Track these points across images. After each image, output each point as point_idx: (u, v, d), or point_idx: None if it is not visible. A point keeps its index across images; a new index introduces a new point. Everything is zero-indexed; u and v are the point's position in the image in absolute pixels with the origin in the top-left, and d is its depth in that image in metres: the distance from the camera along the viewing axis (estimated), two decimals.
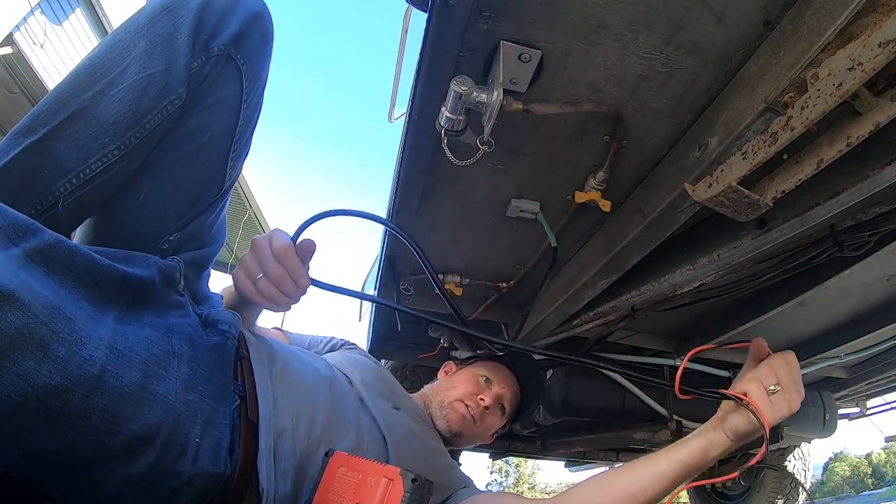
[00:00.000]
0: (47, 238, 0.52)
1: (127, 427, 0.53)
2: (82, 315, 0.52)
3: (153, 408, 0.55)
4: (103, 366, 0.51)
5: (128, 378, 0.53)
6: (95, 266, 0.56)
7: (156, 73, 0.62)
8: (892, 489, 10.46)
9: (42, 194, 0.59)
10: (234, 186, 0.77)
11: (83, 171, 0.60)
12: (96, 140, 0.60)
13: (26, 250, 0.50)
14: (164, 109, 0.63)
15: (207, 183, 0.71)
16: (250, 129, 0.75)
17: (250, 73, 0.70)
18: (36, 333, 0.47)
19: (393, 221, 1.13)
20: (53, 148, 0.59)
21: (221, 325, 0.73)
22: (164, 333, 0.61)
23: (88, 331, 0.51)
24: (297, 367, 0.83)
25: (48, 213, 0.60)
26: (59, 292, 0.51)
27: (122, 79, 0.61)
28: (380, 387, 1.00)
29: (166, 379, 0.58)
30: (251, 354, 0.76)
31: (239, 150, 0.74)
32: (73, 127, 0.60)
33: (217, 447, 0.62)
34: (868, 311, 1.35)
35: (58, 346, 0.48)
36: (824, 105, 0.58)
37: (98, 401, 0.51)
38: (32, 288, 0.48)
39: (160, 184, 0.68)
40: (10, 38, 4.76)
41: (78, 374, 0.49)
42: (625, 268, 1.06)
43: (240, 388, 0.70)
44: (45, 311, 0.48)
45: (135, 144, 0.62)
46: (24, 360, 0.46)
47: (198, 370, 0.63)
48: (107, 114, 0.60)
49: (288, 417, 0.73)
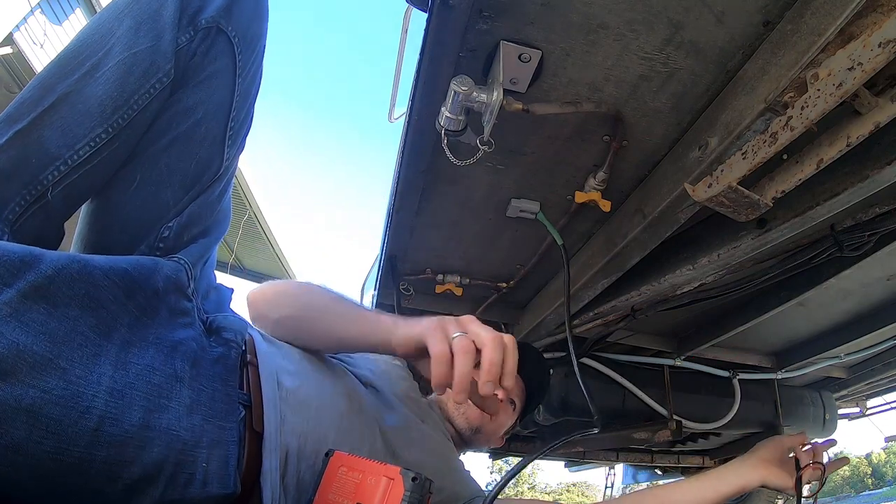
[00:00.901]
0: (45, 269, 0.50)
1: (128, 471, 0.51)
2: (82, 356, 0.50)
3: (156, 444, 0.53)
4: (102, 416, 0.49)
5: (128, 421, 0.51)
6: (99, 290, 0.54)
7: (141, 50, 0.59)
8: (892, 489, 10.47)
9: (30, 184, 0.57)
10: (234, 186, 0.76)
11: (71, 157, 0.58)
12: (83, 124, 0.58)
13: (21, 290, 0.47)
14: (153, 88, 0.61)
15: (205, 162, 0.68)
16: (248, 103, 0.71)
17: (244, 45, 0.67)
18: (24, 400, 0.44)
19: (393, 221, 1.13)
20: (40, 135, 0.57)
21: (226, 334, 0.69)
22: (168, 354, 0.58)
23: (87, 376, 0.49)
24: (310, 379, 0.77)
25: (38, 204, 0.58)
26: (56, 334, 0.49)
27: (107, 59, 0.59)
28: (406, 397, 0.97)
29: (168, 409, 0.55)
30: (260, 365, 0.72)
31: (237, 126, 0.70)
32: (59, 113, 0.58)
33: (225, 467, 0.60)
34: (868, 311, 1.35)
35: (50, 407, 0.46)
36: (824, 105, 0.58)
37: (97, 454, 0.49)
38: (19, 346, 0.45)
39: (155, 167, 0.65)
40: (10, 38, 4.76)
41: (73, 432, 0.47)
42: (625, 268, 1.06)
43: (245, 398, 0.66)
44: (35, 371, 0.45)
45: (123, 126, 0.60)
46: (14, 431, 0.44)
47: (201, 389, 0.60)
48: (92, 97, 0.58)
49: (296, 436, 0.69)
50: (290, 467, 0.68)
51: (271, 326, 0.82)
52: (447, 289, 1.35)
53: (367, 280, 2.95)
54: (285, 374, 0.74)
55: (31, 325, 0.48)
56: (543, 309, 1.35)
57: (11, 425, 0.44)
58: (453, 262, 1.31)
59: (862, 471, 21.09)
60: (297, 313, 0.82)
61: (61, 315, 0.50)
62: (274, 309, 0.83)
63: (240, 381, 0.68)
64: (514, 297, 1.45)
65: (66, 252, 0.55)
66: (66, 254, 0.53)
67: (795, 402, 1.73)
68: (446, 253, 1.27)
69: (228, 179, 0.73)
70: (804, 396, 1.77)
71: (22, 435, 0.45)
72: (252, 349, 0.73)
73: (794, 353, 1.61)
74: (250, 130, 0.75)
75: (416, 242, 1.22)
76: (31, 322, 0.48)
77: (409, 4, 0.69)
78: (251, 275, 10.10)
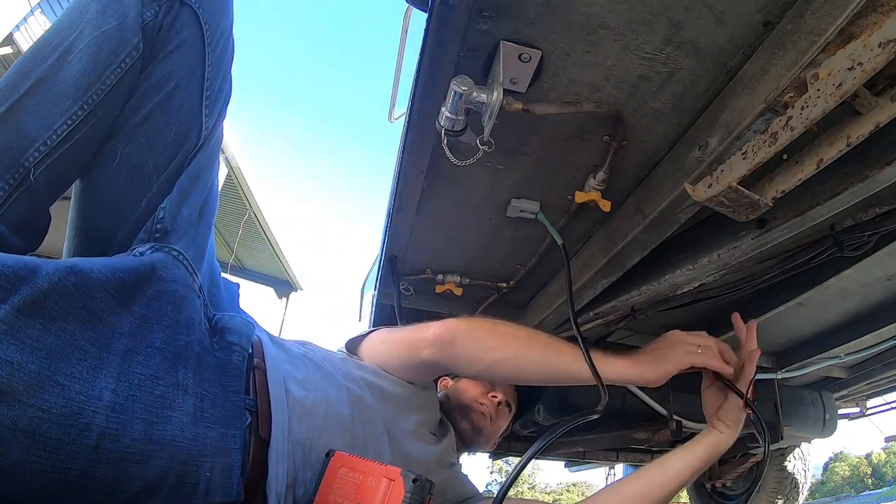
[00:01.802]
0: (40, 283, 0.49)
1: (130, 487, 0.51)
2: (81, 370, 0.49)
3: (159, 457, 0.52)
4: (102, 432, 0.48)
5: (130, 436, 0.50)
6: (96, 302, 0.53)
7: (109, 29, 0.62)
8: (891, 489, 10.47)
9: (12, 168, 0.58)
10: (234, 186, 0.76)
11: (50, 137, 0.59)
12: (59, 105, 0.60)
13: (16, 306, 0.47)
14: (123, 63, 0.63)
15: (184, 132, 0.69)
16: (222, 74, 0.73)
17: (209, 15, 0.69)
18: (21, 420, 0.44)
19: (393, 221, 1.14)
20: (18, 120, 0.58)
21: (230, 336, 0.69)
22: (172, 361, 0.58)
23: (87, 391, 0.48)
24: (318, 388, 0.77)
25: (21, 187, 0.58)
26: (53, 350, 0.48)
27: (78, 42, 0.61)
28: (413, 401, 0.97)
29: (171, 419, 0.54)
30: (268, 371, 0.71)
31: (213, 94, 0.71)
32: (36, 97, 0.59)
33: (228, 475, 0.59)
34: (868, 311, 1.35)
35: (49, 426, 0.45)
36: (824, 105, 0.58)
37: (96, 471, 0.48)
38: (13, 365, 0.45)
39: (135, 141, 0.66)
40: (10, 38, 4.76)
41: (72, 450, 0.46)
42: (625, 268, 1.06)
43: (251, 404, 0.66)
44: (31, 390, 0.45)
45: (98, 101, 0.61)
46: (11, 453, 0.44)
47: (204, 395, 0.59)
48: (67, 78, 0.60)
49: (301, 445, 0.69)
50: (296, 474, 0.67)
51: (482, 366, 0.85)
52: (447, 289, 1.35)
53: (367, 280, 2.95)
54: (293, 381, 0.73)
55: (26, 341, 0.47)
56: (543, 309, 1.35)
57: (8, 447, 0.43)
58: (453, 262, 1.31)
59: (862, 471, 21.10)
60: (516, 357, 0.85)
61: (58, 329, 0.49)
62: (488, 352, 0.84)
63: (246, 386, 0.67)
64: (514, 297, 1.45)
65: (61, 261, 0.54)
66: (62, 264, 0.53)
67: (795, 402, 1.73)
68: (446, 253, 1.27)
69: (212, 152, 0.73)
70: (804, 396, 1.77)
71: (19, 455, 0.44)
72: (260, 352, 0.73)
73: (794, 353, 1.61)
74: (229, 102, 0.76)
75: (416, 242, 1.22)
76: (27, 339, 0.47)
77: (409, 4, 0.69)
78: (251, 275, 10.09)
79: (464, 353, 0.84)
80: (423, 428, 0.95)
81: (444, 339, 0.84)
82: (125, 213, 0.66)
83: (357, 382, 0.85)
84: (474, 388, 1.19)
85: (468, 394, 1.18)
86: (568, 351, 0.84)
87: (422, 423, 0.95)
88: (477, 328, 0.86)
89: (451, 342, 0.84)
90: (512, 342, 0.84)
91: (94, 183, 0.66)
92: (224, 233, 8.40)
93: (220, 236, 8.61)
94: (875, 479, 20.23)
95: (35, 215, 0.61)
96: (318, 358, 0.85)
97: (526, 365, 0.84)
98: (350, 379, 0.84)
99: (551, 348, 0.84)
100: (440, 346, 0.84)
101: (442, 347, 0.84)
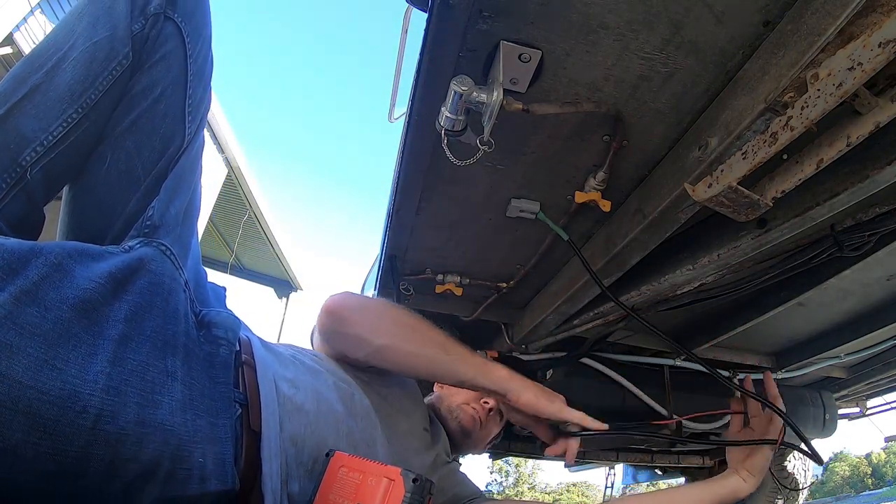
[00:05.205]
0: (38, 270, 0.52)
1: (126, 469, 0.52)
2: (76, 356, 0.51)
3: (152, 440, 0.54)
4: (98, 414, 0.50)
5: (124, 418, 0.52)
6: (88, 293, 0.55)
7: (101, 39, 0.66)
8: (891, 489, 10.47)
9: (9, 168, 0.61)
10: (234, 185, 0.77)
11: (46, 138, 0.63)
12: (55, 107, 0.64)
13: (13, 293, 0.49)
14: (114, 70, 0.67)
15: (169, 136, 0.73)
16: (203, 82, 0.77)
17: (191, 28, 0.74)
18: (21, 402, 0.46)
19: (393, 221, 1.14)
20: (16, 122, 0.62)
21: (216, 330, 0.71)
22: (161, 350, 0.60)
23: (82, 375, 0.50)
24: (308, 387, 0.78)
25: (18, 186, 0.61)
26: (50, 336, 0.50)
27: (72, 52, 0.65)
28: (406, 400, 0.99)
29: (161, 404, 0.57)
30: (258, 368, 0.73)
31: (195, 101, 0.76)
32: (33, 101, 0.63)
33: (222, 464, 0.61)
34: (868, 311, 1.35)
35: (48, 408, 0.47)
36: (824, 105, 0.58)
37: (95, 452, 0.50)
38: (12, 348, 0.47)
39: (123, 146, 0.70)
40: (10, 38, 4.76)
41: (70, 431, 0.48)
42: (625, 268, 1.06)
43: (240, 397, 0.68)
44: (30, 372, 0.47)
45: (92, 105, 0.66)
46: (13, 434, 0.45)
47: (192, 384, 0.62)
48: (62, 83, 0.64)
49: (293, 441, 0.71)
50: (289, 473, 0.69)
51: (368, 351, 0.86)
52: (447, 289, 1.35)
53: (367, 280, 2.95)
54: (283, 380, 0.75)
55: (25, 327, 0.49)
56: (544, 309, 1.35)
57: (9, 427, 0.45)
58: (453, 262, 1.31)
59: (862, 471, 21.11)
60: (403, 347, 0.86)
61: (54, 318, 0.51)
62: (376, 335, 0.86)
63: (235, 380, 0.69)
64: (514, 297, 1.45)
65: (60, 247, 0.57)
66: (52, 257, 0.55)
67: (795, 402, 1.73)
68: (446, 253, 1.27)
69: (195, 156, 0.77)
70: (804, 396, 1.77)
71: (20, 437, 0.46)
72: (248, 350, 0.75)
73: (794, 353, 1.61)
74: (209, 111, 0.81)
75: (416, 242, 1.22)
76: (26, 324, 0.49)
77: (409, 4, 0.69)
78: (251, 275, 10.10)
79: (352, 332, 0.87)
80: (417, 426, 0.97)
81: (332, 312, 0.87)
82: (115, 213, 0.69)
83: (347, 380, 0.86)
84: (466, 392, 1.20)
85: (459, 396, 1.20)
86: (456, 352, 0.87)
87: (414, 420, 0.96)
88: (366, 308, 0.89)
89: (341, 320, 0.87)
90: (402, 331, 0.87)
91: (86, 185, 0.70)
92: (224, 233, 8.40)
93: (220, 236, 8.61)
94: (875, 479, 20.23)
95: (31, 213, 0.64)
96: (307, 359, 0.86)
97: (412, 358, 0.86)
98: (340, 377, 0.86)
99: (441, 347, 0.87)
100: (330, 319, 0.88)
101: (332, 321, 0.88)
